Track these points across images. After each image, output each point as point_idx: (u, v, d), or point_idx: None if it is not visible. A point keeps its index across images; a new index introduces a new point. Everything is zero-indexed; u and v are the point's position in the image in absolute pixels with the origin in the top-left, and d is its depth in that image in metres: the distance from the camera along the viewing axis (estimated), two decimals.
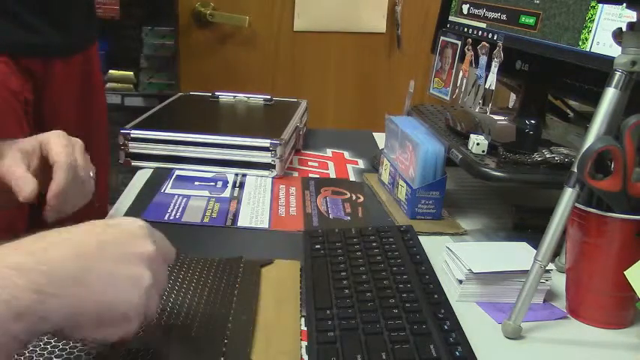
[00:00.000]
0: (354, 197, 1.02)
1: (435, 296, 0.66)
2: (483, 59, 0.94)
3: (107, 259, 0.50)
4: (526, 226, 0.90)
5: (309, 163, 1.19)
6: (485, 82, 0.94)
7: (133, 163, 1.10)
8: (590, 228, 0.66)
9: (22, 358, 0.54)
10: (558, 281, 0.73)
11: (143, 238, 0.54)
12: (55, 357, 0.55)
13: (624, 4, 0.64)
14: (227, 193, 1.01)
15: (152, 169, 1.09)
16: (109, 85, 2.35)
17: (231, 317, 0.63)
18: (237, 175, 1.09)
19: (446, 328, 0.60)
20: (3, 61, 1.12)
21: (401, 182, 0.96)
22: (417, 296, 0.66)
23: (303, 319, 0.64)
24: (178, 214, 0.92)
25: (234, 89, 1.42)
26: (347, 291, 0.67)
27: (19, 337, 0.45)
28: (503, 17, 0.95)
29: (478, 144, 0.89)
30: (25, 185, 0.71)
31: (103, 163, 1.27)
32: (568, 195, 0.63)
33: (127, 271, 0.51)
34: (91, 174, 0.80)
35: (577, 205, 0.65)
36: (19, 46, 1.14)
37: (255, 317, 0.64)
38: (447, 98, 1.04)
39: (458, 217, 0.95)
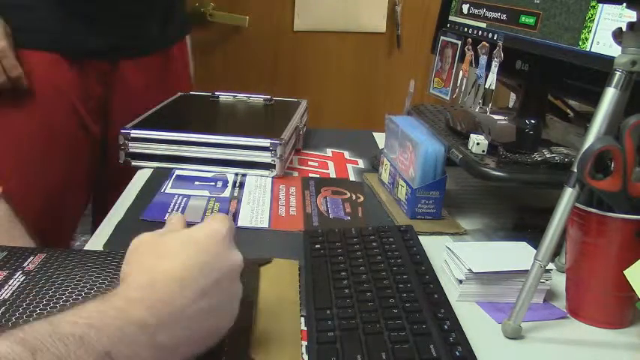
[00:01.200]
0: (354, 197, 1.02)
1: (435, 296, 0.66)
2: (483, 59, 0.94)
3: (214, 287, 0.52)
4: (526, 225, 0.90)
5: (309, 163, 1.19)
6: (485, 82, 0.94)
7: (133, 163, 1.10)
8: (590, 228, 0.66)
9: None
10: (558, 281, 0.72)
11: (233, 249, 0.56)
12: None
13: (624, 4, 0.64)
14: (227, 193, 1.01)
15: (152, 169, 1.09)
16: None
17: None
18: (237, 174, 1.09)
19: (446, 328, 0.60)
20: (55, 59, 1.16)
21: (401, 182, 0.96)
22: (416, 296, 0.66)
23: (303, 319, 0.64)
24: (178, 213, 0.92)
25: (234, 89, 1.42)
26: (347, 291, 0.67)
27: None
28: (504, 17, 0.95)
29: (478, 144, 0.89)
30: None
31: None
32: (568, 195, 0.63)
33: (229, 290, 0.55)
34: None
35: (577, 205, 0.65)
36: (80, 49, 1.18)
37: (255, 316, 0.64)
38: (447, 98, 1.04)
39: (458, 216, 0.95)
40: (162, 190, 1.00)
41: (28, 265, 0.69)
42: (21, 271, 0.67)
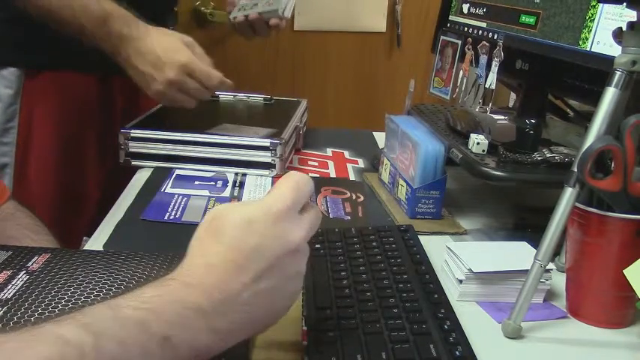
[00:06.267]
0: (354, 197, 1.02)
1: (435, 296, 0.66)
2: (483, 58, 0.94)
3: (271, 269, 0.51)
4: (526, 225, 0.90)
5: (309, 163, 1.19)
6: (486, 82, 0.94)
7: (132, 163, 1.10)
8: (590, 227, 0.66)
9: None
10: (558, 281, 0.72)
11: (294, 226, 0.52)
12: None
13: (625, 4, 0.64)
14: (227, 193, 1.01)
15: (152, 169, 1.09)
16: None
17: None
18: (237, 174, 1.09)
19: (446, 327, 0.60)
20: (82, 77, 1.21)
21: (401, 182, 0.96)
22: (417, 296, 0.66)
23: (303, 319, 0.64)
24: (178, 213, 0.92)
25: (234, 88, 1.41)
26: (347, 291, 0.67)
27: None
28: (504, 17, 0.95)
29: (478, 143, 0.89)
30: None
31: None
32: (568, 194, 0.63)
33: (288, 270, 0.52)
34: None
35: (577, 204, 0.65)
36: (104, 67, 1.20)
37: None
38: (447, 97, 1.04)
39: (458, 216, 0.95)
40: (162, 190, 1.00)
41: (32, 264, 0.68)
42: (25, 271, 0.67)
